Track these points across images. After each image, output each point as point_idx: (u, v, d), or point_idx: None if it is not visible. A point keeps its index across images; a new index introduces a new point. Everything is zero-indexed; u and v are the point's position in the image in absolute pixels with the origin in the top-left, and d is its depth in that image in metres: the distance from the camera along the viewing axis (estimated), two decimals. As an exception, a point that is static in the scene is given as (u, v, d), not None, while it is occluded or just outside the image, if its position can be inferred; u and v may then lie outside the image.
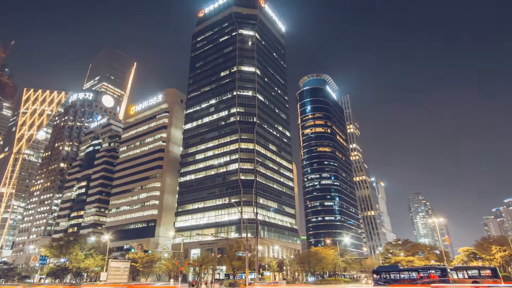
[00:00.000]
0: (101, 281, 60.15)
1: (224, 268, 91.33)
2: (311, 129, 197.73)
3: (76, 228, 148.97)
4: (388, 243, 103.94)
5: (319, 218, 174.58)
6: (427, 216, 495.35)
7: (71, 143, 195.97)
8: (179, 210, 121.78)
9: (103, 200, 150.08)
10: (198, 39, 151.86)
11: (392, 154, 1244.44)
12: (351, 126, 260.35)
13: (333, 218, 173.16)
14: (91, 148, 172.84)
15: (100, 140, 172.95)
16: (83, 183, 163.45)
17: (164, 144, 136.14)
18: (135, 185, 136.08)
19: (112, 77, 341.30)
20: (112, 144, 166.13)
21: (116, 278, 60.57)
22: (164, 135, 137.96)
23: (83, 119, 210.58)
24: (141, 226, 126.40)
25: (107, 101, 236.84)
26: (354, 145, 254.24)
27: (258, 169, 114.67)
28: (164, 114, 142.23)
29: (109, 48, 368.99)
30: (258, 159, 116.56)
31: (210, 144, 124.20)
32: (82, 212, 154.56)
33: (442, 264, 56.59)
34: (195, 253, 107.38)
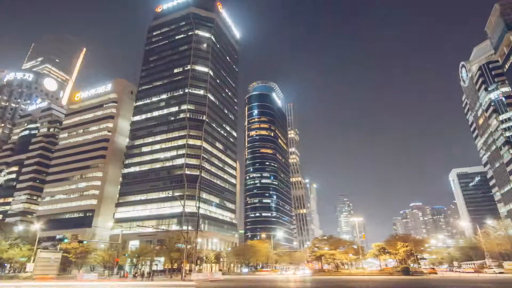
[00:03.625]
0: (27, 272, 53.66)
1: (162, 259, 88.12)
2: (256, 132, 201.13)
3: (1, 216, 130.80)
4: (316, 238, 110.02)
5: (257, 214, 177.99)
6: (350, 215, 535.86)
7: (3, 124, 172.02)
8: (120, 201, 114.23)
9: (36, 187, 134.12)
10: (154, 33, 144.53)
11: (325, 158, 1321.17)
12: (292, 131, 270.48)
13: (269, 214, 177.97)
14: (26, 132, 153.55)
15: (38, 125, 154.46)
16: (14, 168, 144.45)
17: (110, 134, 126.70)
18: (74, 173, 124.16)
19: (57, 60, 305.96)
20: (51, 130, 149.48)
21: (45, 269, 54.70)
22: (111, 125, 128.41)
23: (19, 100, 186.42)
24: (77, 216, 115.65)
25: (50, 84, 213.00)
26: (293, 149, 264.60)
27: (204, 165, 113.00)
28: (112, 104, 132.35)
29: (56, 29, 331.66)
30: (204, 156, 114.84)
31: (158, 138, 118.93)
32: (10, 199, 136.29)
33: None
34: (133, 244, 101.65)
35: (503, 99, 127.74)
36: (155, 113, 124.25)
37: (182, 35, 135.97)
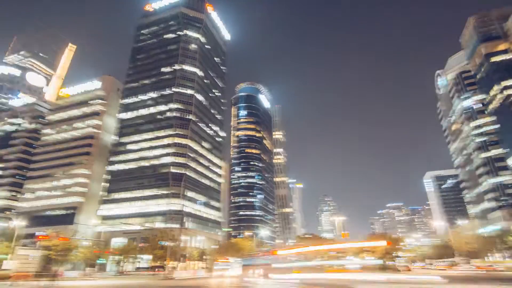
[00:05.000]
0: (3, 270, 51.47)
1: (146, 257, 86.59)
2: (243, 132, 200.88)
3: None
4: (298, 236, 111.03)
5: (241, 213, 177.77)
6: (331, 215, 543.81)
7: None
8: (105, 198, 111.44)
9: (17, 183, 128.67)
10: (143, 31, 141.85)
11: (309, 159, 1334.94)
12: (277, 132, 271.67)
13: (253, 213, 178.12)
14: (7, 127, 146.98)
15: (21, 120, 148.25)
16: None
17: (96, 131, 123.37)
18: (57, 170, 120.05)
19: (41, 54, 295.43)
20: (34, 125, 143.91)
21: (24, 266, 52.66)
22: (97, 122, 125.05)
23: (1, 94, 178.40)
24: (60, 213, 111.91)
25: (33, 79, 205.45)
26: (278, 150, 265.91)
27: (190, 164, 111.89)
28: (98, 100, 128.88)
29: (43, 23, 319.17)
30: (191, 155, 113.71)
31: (144, 136, 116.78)
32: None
33: None
34: (117, 242, 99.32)
35: (475, 107, 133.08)
36: (142, 111, 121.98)
37: (171, 35, 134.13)
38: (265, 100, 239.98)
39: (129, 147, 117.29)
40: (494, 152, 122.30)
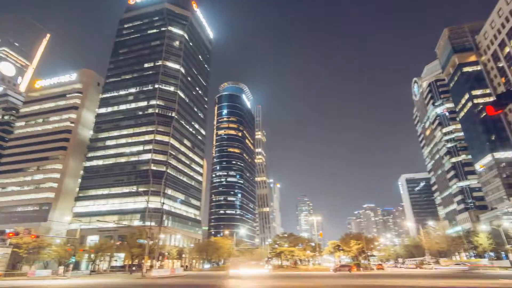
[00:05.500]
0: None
1: (123, 255, 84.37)
2: (225, 131, 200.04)
3: None
4: (277, 235, 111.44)
5: (222, 211, 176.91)
6: (309, 214, 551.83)
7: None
8: (81, 195, 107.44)
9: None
10: (126, 25, 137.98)
11: (289, 160, 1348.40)
12: (259, 132, 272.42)
13: (234, 212, 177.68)
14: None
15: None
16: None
17: (72, 125, 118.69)
18: (30, 164, 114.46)
19: (16, 44, 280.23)
20: (6, 117, 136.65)
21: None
22: (74, 116, 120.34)
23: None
24: (32, 209, 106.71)
25: (6, 68, 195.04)
26: (260, 150, 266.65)
27: (170, 161, 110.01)
28: (76, 94, 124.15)
29: (20, 12, 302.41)
30: (172, 152, 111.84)
31: (124, 132, 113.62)
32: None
33: None
34: (93, 239, 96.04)
35: (447, 114, 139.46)
36: (123, 107, 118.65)
37: (155, 30, 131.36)
38: (248, 100, 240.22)
39: (108, 143, 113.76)
40: (463, 157, 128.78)
